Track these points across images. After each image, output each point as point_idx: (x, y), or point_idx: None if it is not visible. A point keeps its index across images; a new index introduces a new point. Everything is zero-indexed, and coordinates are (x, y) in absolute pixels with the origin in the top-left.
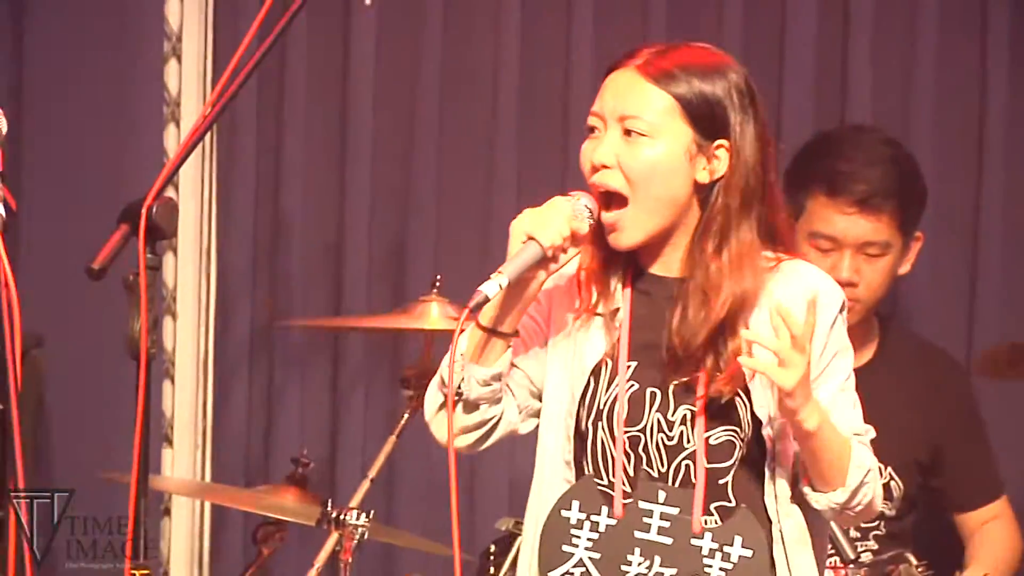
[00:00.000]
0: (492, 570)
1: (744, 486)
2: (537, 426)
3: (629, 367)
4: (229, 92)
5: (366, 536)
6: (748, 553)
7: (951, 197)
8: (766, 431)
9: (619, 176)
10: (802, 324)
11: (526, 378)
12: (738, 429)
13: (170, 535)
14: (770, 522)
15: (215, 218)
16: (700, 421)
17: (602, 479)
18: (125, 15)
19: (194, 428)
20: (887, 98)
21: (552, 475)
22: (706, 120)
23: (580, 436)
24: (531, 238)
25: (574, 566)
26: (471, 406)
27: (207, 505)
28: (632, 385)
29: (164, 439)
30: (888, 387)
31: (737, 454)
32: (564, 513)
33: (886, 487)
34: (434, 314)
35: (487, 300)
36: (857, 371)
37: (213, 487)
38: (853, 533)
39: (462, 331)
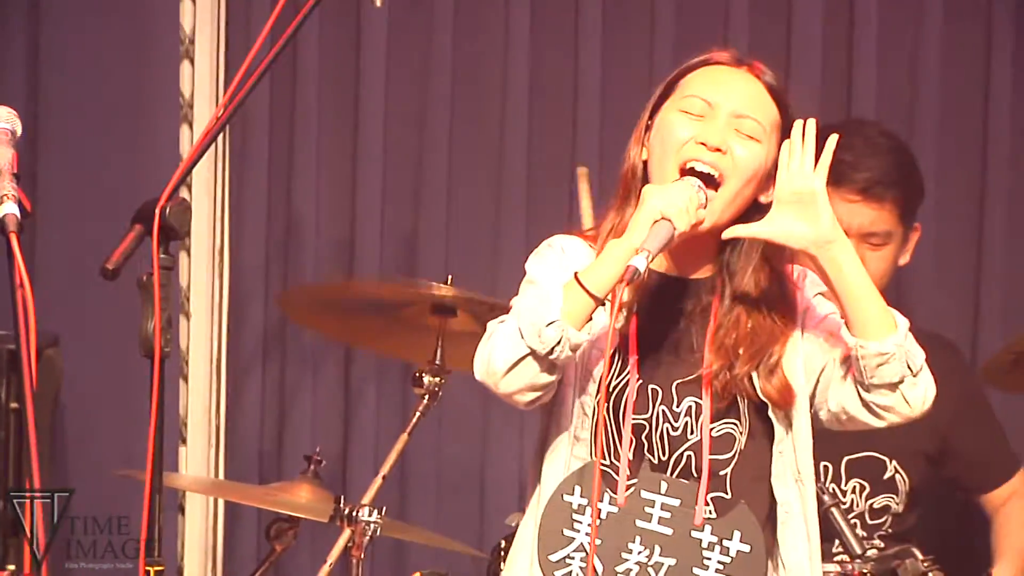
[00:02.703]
0: (503, 566)
1: (741, 478)
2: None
3: (636, 361)
4: (242, 93)
5: (378, 532)
6: (746, 548)
7: (956, 193)
8: (772, 414)
9: (727, 163)
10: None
11: None
12: (737, 422)
13: (184, 532)
14: (773, 503)
15: (228, 218)
16: (706, 415)
17: (603, 459)
18: (138, 18)
19: (208, 426)
20: (892, 96)
21: (566, 453)
22: (779, 147)
23: (593, 415)
24: (666, 219)
25: (574, 551)
26: (552, 367)
27: (221, 502)
28: (639, 379)
29: (178, 437)
30: None
31: (736, 447)
32: (567, 498)
33: (891, 481)
34: None
35: (639, 275)
36: None
37: (227, 484)
38: (859, 532)
39: (611, 303)
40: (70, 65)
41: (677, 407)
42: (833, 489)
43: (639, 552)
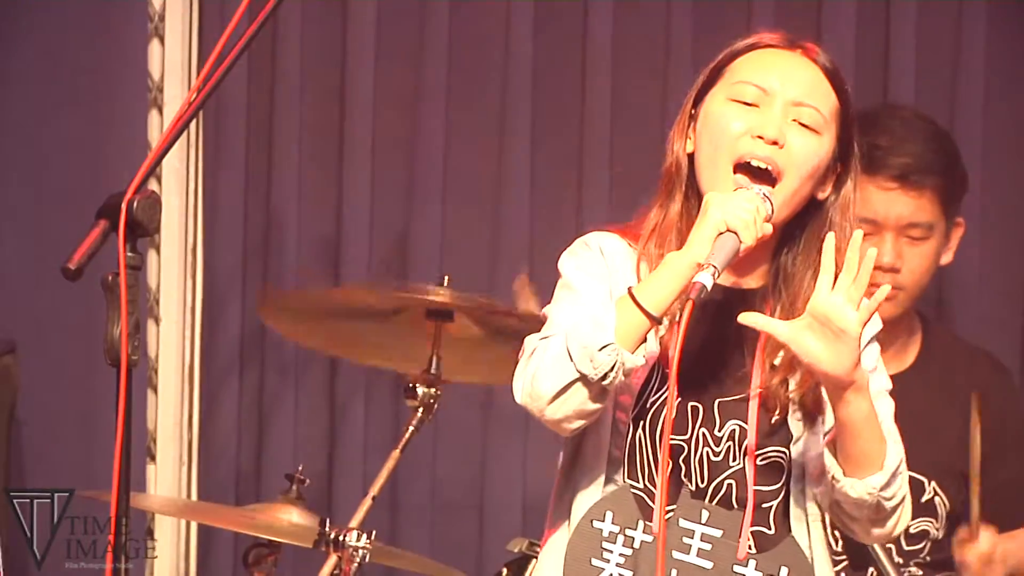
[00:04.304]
0: None
1: (785, 512)
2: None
3: (678, 375)
4: (216, 75)
5: (367, 559)
6: None
7: (1002, 187)
8: (795, 447)
9: (785, 158)
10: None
11: None
12: (786, 450)
13: (154, 558)
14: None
15: (201, 213)
16: (751, 440)
17: (637, 482)
18: None
19: (179, 442)
20: (932, 84)
21: (595, 474)
22: (845, 135)
23: (630, 434)
24: (732, 231)
25: None
26: (603, 393)
27: (193, 525)
28: (677, 396)
29: (147, 454)
30: (931, 394)
31: (784, 477)
32: (596, 524)
33: (930, 504)
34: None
35: (706, 292)
36: (898, 376)
37: (200, 506)
38: (896, 559)
39: (675, 324)
40: (27, 43)
41: (719, 431)
42: None
43: None
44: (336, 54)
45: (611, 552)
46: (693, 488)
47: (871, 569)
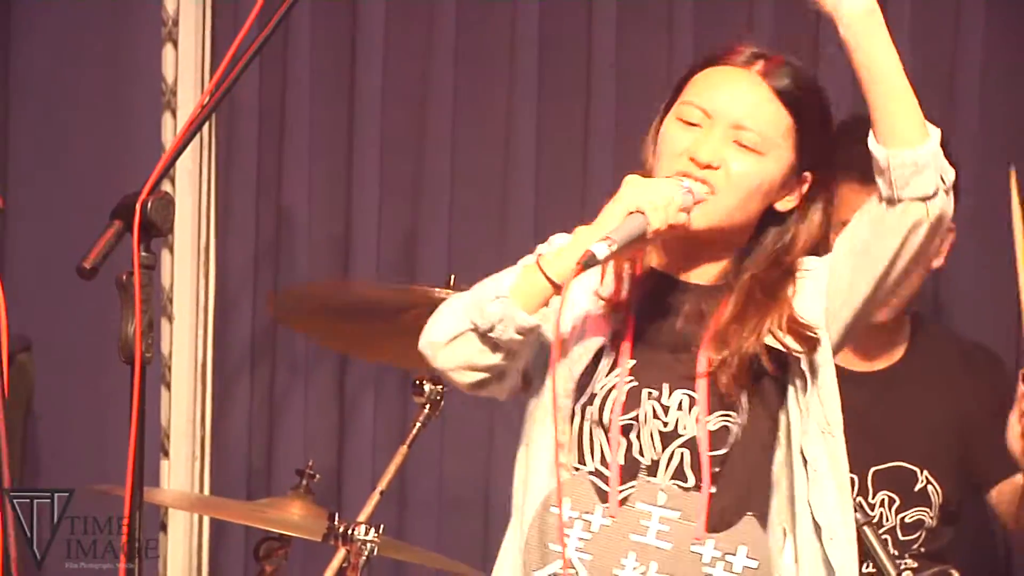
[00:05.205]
0: None
1: (735, 470)
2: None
3: (629, 364)
4: (229, 79)
5: (375, 552)
6: (753, 564)
7: (996, 192)
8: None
9: (722, 178)
10: None
11: (537, 344)
12: (734, 413)
13: (167, 551)
14: (770, 489)
15: (214, 213)
16: (701, 408)
17: (589, 467)
18: None
19: (192, 437)
20: (929, 90)
21: (544, 457)
22: (810, 150)
23: (565, 419)
24: (640, 212)
25: (563, 567)
26: (495, 347)
27: (206, 520)
28: (631, 380)
29: (160, 449)
30: (919, 387)
31: (731, 439)
32: (554, 510)
33: (923, 492)
34: None
35: (596, 262)
36: (887, 371)
37: (212, 500)
38: (891, 550)
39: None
40: (44, 48)
41: (667, 400)
42: (861, 503)
43: (634, 568)
44: (345, 57)
45: (568, 537)
46: (647, 461)
47: (868, 562)
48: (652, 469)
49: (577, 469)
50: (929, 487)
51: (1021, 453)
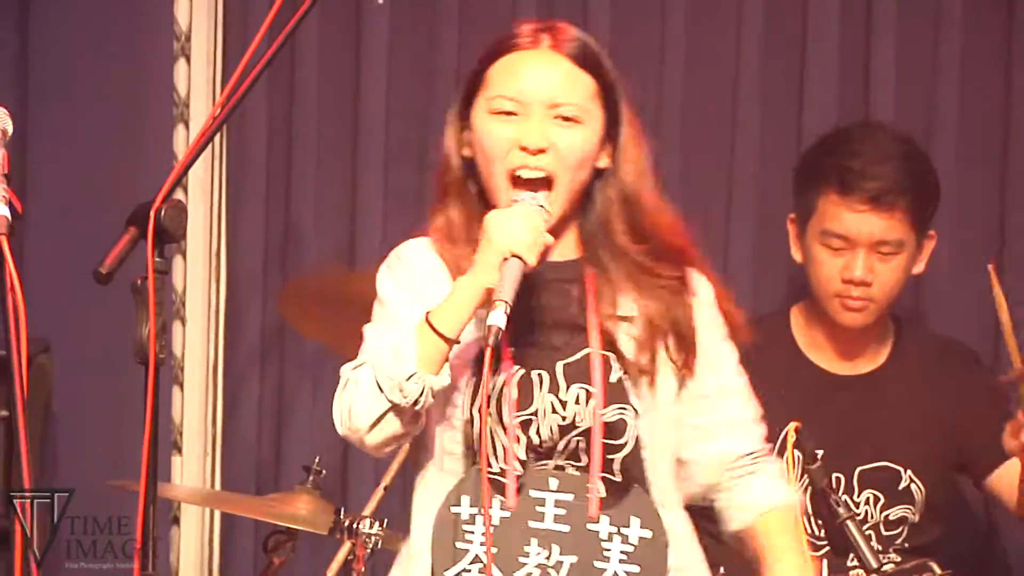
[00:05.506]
0: None
1: (633, 464)
2: None
3: (510, 351)
4: (239, 92)
5: (380, 545)
6: (647, 534)
7: (975, 197)
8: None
9: (553, 160)
10: None
11: None
12: (628, 407)
13: (179, 544)
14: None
15: (225, 221)
16: (598, 401)
17: (491, 467)
18: (132, 14)
19: (204, 435)
20: (911, 98)
21: (437, 468)
22: (613, 106)
23: (465, 425)
24: (516, 256)
25: (470, 563)
26: (416, 416)
27: (217, 514)
28: (517, 369)
29: (173, 446)
30: (903, 388)
31: (630, 432)
32: (454, 509)
33: (907, 491)
34: None
35: (501, 330)
36: (871, 374)
37: (223, 495)
38: (875, 545)
39: (488, 359)
40: (61, 62)
41: (565, 395)
42: (846, 500)
43: (537, 554)
44: (350, 70)
45: (472, 533)
46: (543, 449)
47: (851, 555)
48: (546, 454)
49: (476, 468)
50: (912, 485)
51: (1021, 452)
